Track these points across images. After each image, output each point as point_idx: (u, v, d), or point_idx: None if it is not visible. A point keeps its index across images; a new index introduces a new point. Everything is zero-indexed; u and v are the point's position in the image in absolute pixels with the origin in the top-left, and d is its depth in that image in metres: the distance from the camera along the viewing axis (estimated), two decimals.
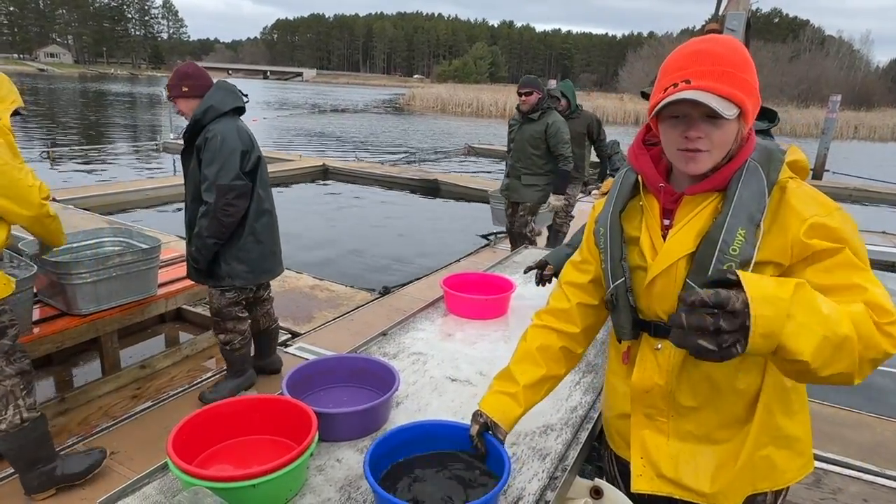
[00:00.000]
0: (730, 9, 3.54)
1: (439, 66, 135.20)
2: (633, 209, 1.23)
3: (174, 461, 1.16)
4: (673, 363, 1.17)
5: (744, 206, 1.05)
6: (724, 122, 1.03)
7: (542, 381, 1.32)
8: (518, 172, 4.69)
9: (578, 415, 1.61)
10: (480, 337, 2.09)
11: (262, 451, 1.36)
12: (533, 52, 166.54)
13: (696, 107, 1.02)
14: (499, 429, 1.27)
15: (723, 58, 1.03)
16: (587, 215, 1.38)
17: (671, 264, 1.12)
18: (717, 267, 1.04)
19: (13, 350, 2.15)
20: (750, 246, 1.03)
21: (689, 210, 1.13)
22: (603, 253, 1.24)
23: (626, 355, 1.27)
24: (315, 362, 1.66)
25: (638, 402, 1.23)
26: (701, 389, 1.16)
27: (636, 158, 1.21)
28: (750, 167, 1.08)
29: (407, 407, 1.60)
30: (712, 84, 1.01)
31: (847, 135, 30.53)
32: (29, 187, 2.03)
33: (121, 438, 2.68)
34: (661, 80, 1.08)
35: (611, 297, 1.23)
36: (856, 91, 53.18)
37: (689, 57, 1.05)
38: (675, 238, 1.13)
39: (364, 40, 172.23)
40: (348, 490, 1.26)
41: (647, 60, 57.99)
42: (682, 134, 1.06)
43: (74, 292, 2.83)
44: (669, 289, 1.13)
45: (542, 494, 1.29)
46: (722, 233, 1.05)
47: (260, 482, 1.15)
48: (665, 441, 1.22)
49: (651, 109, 1.08)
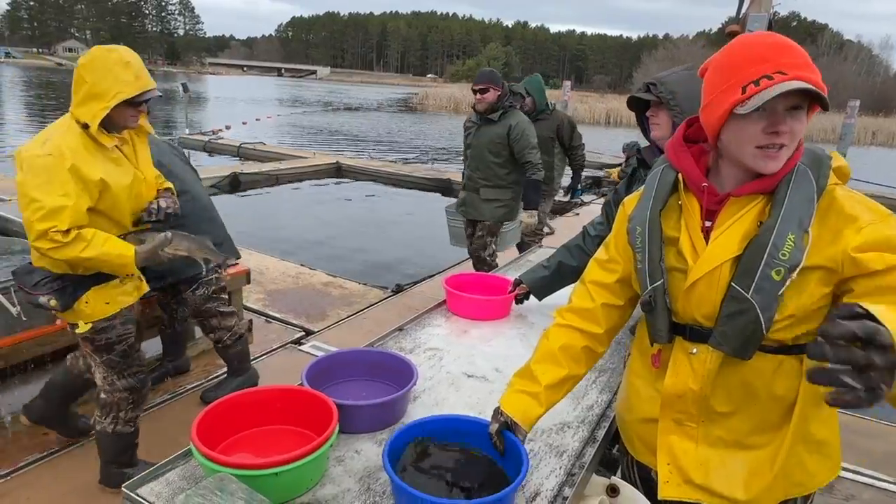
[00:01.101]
0: (752, 10, 3.52)
1: (453, 65, 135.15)
2: (670, 208, 1.20)
3: (198, 447, 1.18)
4: (709, 368, 1.14)
5: (794, 211, 1.03)
6: (802, 115, 1.01)
7: (564, 382, 1.30)
8: (476, 185, 3.99)
9: (595, 413, 1.62)
10: (496, 334, 2.10)
11: (283, 440, 1.38)
12: (546, 53, 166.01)
13: (787, 97, 0.98)
14: (519, 428, 1.26)
15: (795, 48, 1.00)
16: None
17: (714, 268, 1.09)
18: (766, 272, 1.02)
19: (126, 365, 2.20)
20: (799, 251, 1.02)
21: (734, 212, 1.10)
22: (639, 253, 1.20)
23: (657, 359, 1.24)
24: (334, 355, 1.68)
25: (668, 406, 1.21)
26: (737, 395, 1.15)
27: (677, 156, 1.18)
28: (800, 171, 1.06)
29: (424, 401, 1.62)
30: (806, 74, 0.97)
31: (865, 140, 30.15)
32: (29, 222, 1.85)
33: (140, 430, 2.71)
34: (734, 75, 1.02)
35: (648, 299, 1.19)
36: (874, 96, 52.48)
37: (767, 50, 1.01)
38: (720, 241, 1.10)
39: (378, 39, 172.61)
40: (367, 481, 1.28)
41: (661, 63, 57.65)
42: (766, 129, 1.01)
43: None
44: (711, 293, 1.11)
45: (560, 491, 1.29)
46: (772, 237, 1.03)
47: (282, 471, 1.16)
48: (693, 447, 1.20)
49: (732, 107, 1.01)
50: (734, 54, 1.05)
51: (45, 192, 1.83)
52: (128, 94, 1.95)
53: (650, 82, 1.78)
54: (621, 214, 1.31)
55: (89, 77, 1.93)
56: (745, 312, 1.06)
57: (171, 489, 1.22)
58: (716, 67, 1.07)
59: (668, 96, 1.73)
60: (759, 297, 1.04)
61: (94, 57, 1.94)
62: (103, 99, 1.93)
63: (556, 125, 4.76)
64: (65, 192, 1.85)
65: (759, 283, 1.04)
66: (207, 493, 1.03)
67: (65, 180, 1.86)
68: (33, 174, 1.84)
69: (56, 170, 1.85)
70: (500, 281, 2.41)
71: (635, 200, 1.27)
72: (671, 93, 1.72)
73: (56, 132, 1.94)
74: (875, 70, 73.66)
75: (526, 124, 3.83)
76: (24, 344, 2.55)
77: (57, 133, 1.93)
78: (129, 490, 1.19)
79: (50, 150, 1.86)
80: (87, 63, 1.93)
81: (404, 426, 1.30)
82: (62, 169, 1.86)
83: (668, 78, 1.75)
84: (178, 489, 1.22)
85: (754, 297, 1.04)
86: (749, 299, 1.05)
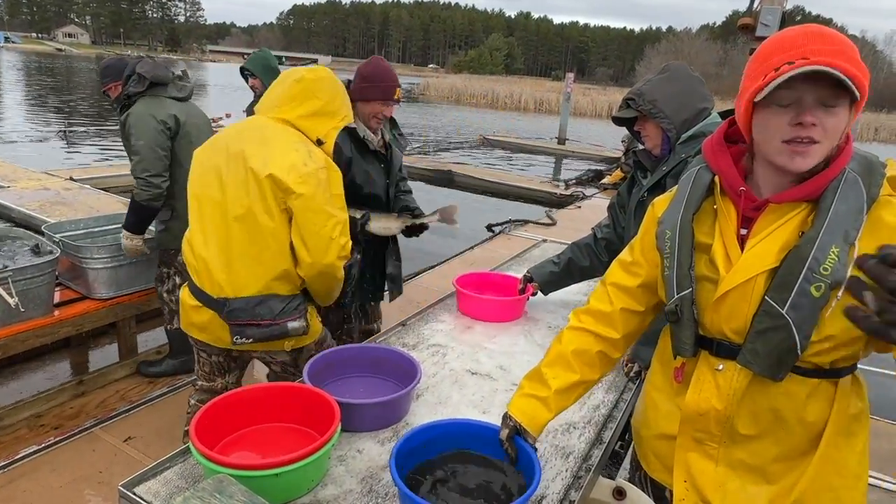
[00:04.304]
0: (765, 3, 3.45)
1: (455, 56, 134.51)
2: (704, 212, 1.12)
3: (197, 447, 1.15)
4: (735, 387, 1.07)
5: (840, 222, 0.95)
6: (837, 110, 0.93)
7: (575, 387, 1.24)
8: None
9: (601, 413, 1.59)
10: (500, 331, 2.07)
11: (284, 439, 1.35)
12: (549, 45, 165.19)
13: (815, 86, 0.91)
14: (528, 434, 1.21)
15: (834, 37, 0.93)
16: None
17: (748, 279, 1.02)
18: (804, 287, 0.94)
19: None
20: (842, 266, 0.93)
21: (774, 220, 1.02)
22: (668, 259, 1.12)
23: (680, 373, 1.17)
24: (337, 350, 1.65)
25: (689, 424, 1.15)
26: (763, 418, 1.07)
27: (715, 156, 1.10)
28: (849, 178, 0.98)
29: (427, 399, 1.59)
30: (832, 60, 0.89)
31: (868, 136, 30.04)
32: (331, 240, 1.80)
33: (138, 424, 2.69)
34: (761, 65, 0.96)
35: (675, 309, 1.11)
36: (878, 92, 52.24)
37: (798, 37, 0.94)
38: (755, 250, 1.02)
39: (380, 28, 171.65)
40: (370, 482, 1.25)
41: (664, 56, 57.28)
42: (792, 122, 0.94)
43: (95, 276, 2.84)
44: (742, 307, 1.03)
45: (567, 494, 1.26)
46: (813, 249, 0.94)
47: (283, 471, 1.13)
48: (713, 467, 1.14)
49: (753, 94, 0.95)
50: (768, 45, 0.99)
51: (334, 206, 1.81)
52: (349, 120, 1.96)
53: (629, 98, 1.76)
54: (650, 216, 1.24)
55: (322, 95, 1.87)
56: (778, 329, 0.98)
57: (168, 488, 1.19)
58: (751, 60, 1.02)
59: (649, 107, 1.70)
60: (794, 314, 0.96)
61: (325, 76, 1.90)
62: (334, 118, 1.90)
63: None
64: (343, 205, 1.87)
65: (796, 298, 0.95)
66: (206, 496, 1.00)
67: (341, 192, 1.86)
68: (323, 188, 1.78)
69: (336, 182, 1.85)
70: (507, 279, 2.37)
71: (666, 202, 1.20)
72: (651, 102, 1.70)
73: (304, 142, 1.83)
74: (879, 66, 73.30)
75: (138, 117, 2.65)
76: (22, 335, 2.51)
77: (307, 144, 1.84)
78: (126, 489, 1.17)
79: (323, 163, 1.81)
80: (318, 80, 1.88)
81: (413, 430, 1.25)
82: (338, 182, 1.86)
83: (645, 88, 1.73)
84: (176, 488, 1.19)
85: (790, 314, 0.96)
86: (784, 315, 0.97)
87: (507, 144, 16.11)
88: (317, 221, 1.77)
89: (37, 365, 3.30)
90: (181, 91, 2.81)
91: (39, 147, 11.11)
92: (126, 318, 3.09)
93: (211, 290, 1.80)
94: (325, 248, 1.78)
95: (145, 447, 2.53)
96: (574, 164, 14.11)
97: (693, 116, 1.70)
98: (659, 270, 1.17)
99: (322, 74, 1.91)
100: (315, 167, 1.77)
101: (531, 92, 36.83)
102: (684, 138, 1.69)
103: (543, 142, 16.81)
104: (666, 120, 1.69)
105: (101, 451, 2.49)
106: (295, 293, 1.87)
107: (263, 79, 3.75)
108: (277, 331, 1.82)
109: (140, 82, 2.69)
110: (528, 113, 32.35)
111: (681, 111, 1.69)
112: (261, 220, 1.75)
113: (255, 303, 1.79)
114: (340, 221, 1.83)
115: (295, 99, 1.86)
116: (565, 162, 14.67)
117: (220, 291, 1.79)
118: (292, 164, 1.74)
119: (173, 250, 2.83)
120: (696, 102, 1.71)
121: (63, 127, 12.55)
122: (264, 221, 1.75)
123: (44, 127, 13.24)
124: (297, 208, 1.75)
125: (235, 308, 1.78)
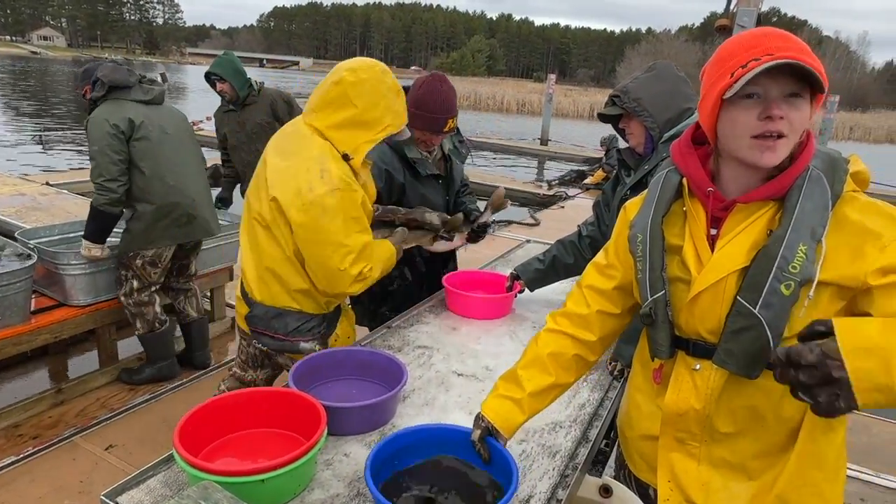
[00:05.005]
0: (741, 4, 3.51)
1: (437, 58, 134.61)
2: (674, 214, 1.13)
3: (181, 454, 1.14)
4: (712, 386, 1.08)
5: (806, 220, 0.96)
6: (801, 104, 0.95)
7: (549, 390, 1.24)
8: None
9: (587, 412, 1.60)
10: (485, 331, 2.07)
11: (269, 444, 1.34)
12: (531, 46, 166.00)
13: (780, 81, 0.93)
14: (500, 435, 1.21)
15: (791, 37, 0.96)
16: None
17: (720, 279, 1.03)
18: (774, 286, 0.96)
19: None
20: (811, 263, 0.95)
21: (742, 219, 1.03)
22: (640, 262, 1.13)
23: (659, 374, 1.18)
24: (322, 354, 1.63)
25: (669, 424, 1.16)
26: (742, 416, 1.08)
27: (683, 158, 1.11)
28: (813, 175, 0.99)
29: (414, 401, 1.58)
30: (797, 55, 0.91)
31: (843, 135, 30.66)
32: (339, 272, 1.68)
33: (119, 431, 2.66)
34: (725, 63, 0.98)
35: (649, 312, 1.12)
36: (852, 92, 53.34)
37: (759, 37, 0.96)
38: (725, 251, 1.03)
39: (362, 30, 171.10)
40: (357, 485, 1.24)
41: (644, 57, 57.88)
42: (760, 115, 0.95)
43: (73, 283, 2.79)
44: (715, 306, 1.04)
45: (554, 493, 1.27)
46: (782, 248, 0.96)
47: (268, 477, 1.12)
48: (695, 466, 1.15)
49: (721, 91, 0.96)
50: (728, 46, 1.01)
51: (346, 234, 1.66)
52: (395, 128, 1.74)
53: (614, 95, 1.77)
54: (622, 219, 1.25)
55: (359, 101, 1.66)
56: (751, 329, 0.99)
57: (152, 497, 1.17)
58: (711, 62, 1.03)
59: (633, 104, 1.72)
60: (766, 313, 0.97)
61: (367, 78, 1.68)
62: (371, 130, 1.69)
63: (269, 107, 3.85)
64: (362, 227, 1.72)
65: (767, 297, 0.97)
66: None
67: (360, 214, 1.70)
68: (330, 216, 1.62)
69: (351, 205, 1.67)
70: (495, 277, 2.40)
71: (638, 205, 1.20)
72: (635, 100, 1.71)
73: (322, 158, 1.66)
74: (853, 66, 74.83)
75: (93, 122, 2.65)
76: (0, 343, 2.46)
77: (324, 160, 1.66)
78: (108, 498, 1.15)
79: (337, 184, 1.63)
80: (358, 83, 1.67)
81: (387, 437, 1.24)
82: (356, 203, 1.68)
83: (630, 86, 1.74)
84: (159, 496, 1.17)
85: (762, 313, 0.97)
86: (756, 315, 0.98)
87: (490, 145, 16.16)
88: (322, 253, 1.66)
89: (14, 373, 3.23)
90: (147, 94, 2.77)
91: (14, 152, 10.90)
92: (106, 325, 3.05)
93: (246, 286, 1.83)
94: (334, 279, 1.70)
95: (127, 455, 2.49)
96: (557, 164, 14.20)
97: (676, 116, 1.71)
98: (633, 274, 1.17)
99: (364, 76, 1.68)
100: (323, 191, 1.61)
101: (513, 93, 37.01)
102: (666, 137, 1.71)
103: (526, 143, 16.90)
104: (649, 118, 1.70)
105: (82, 460, 2.45)
106: (319, 312, 1.83)
107: (234, 82, 3.69)
108: (288, 346, 1.82)
109: (101, 87, 2.67)
110: (511, 114, 32.48)
111: (664, 110, 1.71)
112: (276, 234, 1.72)
113: (272, 314, 1.79)
114: (352, 251, 1.67)
115: (331, 104, 1.69)
116: (548, 162, 14.76)
117: (250, 291, 1.80)
118: (297, 190, 1.63)
119: (132, 253, 2.80)
120: (680, 102, 1.73)
121: (38, 131, 12.32)
122: (279, 237, 1.72)
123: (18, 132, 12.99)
124: (300, 238, 1.67)
125: (255, 314, 1.81)
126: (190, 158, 2.94)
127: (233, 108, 3.81)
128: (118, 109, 2.65)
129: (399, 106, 1.75)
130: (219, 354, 3.55)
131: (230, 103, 3.79)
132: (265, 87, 3.88)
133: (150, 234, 2.80)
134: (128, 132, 2.65)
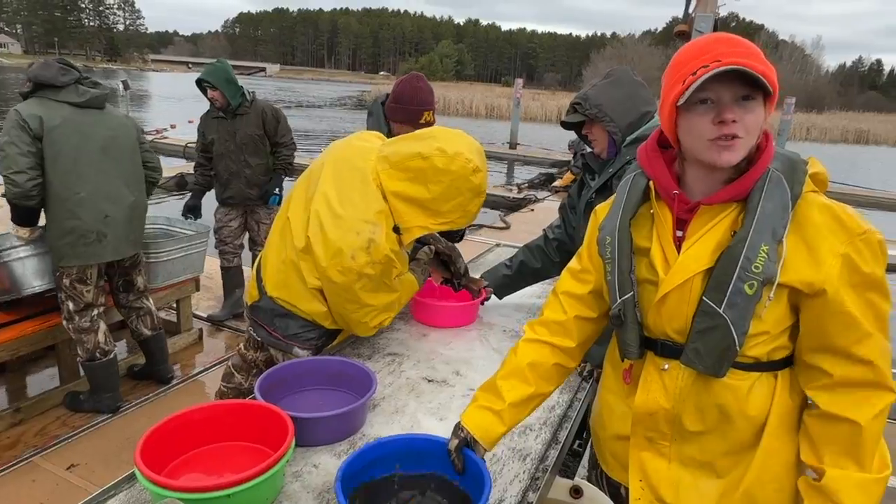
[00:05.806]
0: (699, 10, 3.61)
1: (405, 63, 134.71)
2: (642, 217, 1.15)
3: (142, 471, 1.11)
4: (681, 386, 1.11)
5: (767, 221, 0.98)
6: (754, 106, 0.98)
7: (530, 400, 1.24)
8: None
9: (557, 414, 1.61)
10: (455, 336, 2.07)
11: (236, 458, 1.31)
12: (498, 51, 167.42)
13: (730, 86, 0.96)
14: (479, 446, 1.21)
15: (740, 41, 0.99)
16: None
17: (686, 280, 1.05)
18: (738, 286, 0.98)
19: None
20: (773, 263, 0.98)
21: (706, 221, 1.06)
22: (609, 264, 1.15)
23: (629, 374, 1.20)
24: (288, 365, 1.61)
25: (640, 424, 1.18)
26: (709, 414, 1.10)
27: (649, 161, 1.13)
28: (773, 177, 1.01)
29: (384, 409, 1.57)
30: (743, 60, 0.94)
31: (800, 136, 31.67)
32: (360, 323, 1.74)
33: (81, 450, 2.57)
34: (678, 72, 1.01)
35: (618, 313, 1.14)
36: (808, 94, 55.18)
37: (709, 44, 0.99)
38: (691, 252, 1.06)
39: (329, 36, 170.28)
40: (326, 496, 1.23)
41: (609, 61, 58.89)
42: (714, 120, 0.98)
43: (22, 269, 2.70)
44: (682, 307, 1.07)
45: (524, 496, 1.27)
46: (744, 248, 0.98)
47: (234, 492, 1.10)
48: (666, 465, 1.17)
49: (675, 99, 0.99)
50: (681, 53, 1.04)
51: (375, 297, 1.70)
52: (457, 226, 1.70)
53: (576, 102, 1.81)
54: (593, 223, 1.27)
55: (435, 189, 1.60)
56: (717, 328, 1.02)
57: None
58: (667, 70, 1.06)
59: (595, 111, 1.75)
60: (731, 313, 1.00)
61: (455, 171, 1.59)
62: (432, 218, 1.65)
63: (259, 118, 3.80)
64: (391, 289, 1.75)
65: (732, 297, 0.99)
66: None
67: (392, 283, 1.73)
68: (363, 283, 1.63)
69: (387, 276, 1.68)
70: None
71: (607, 208, 1.23)
72: (596, 107, 1.75)
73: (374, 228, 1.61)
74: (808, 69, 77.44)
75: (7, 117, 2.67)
76: None
77: (376, 231, 1.61)
78: None
79: (380, 259, 1.62)
80: (444, 172, 1.58)
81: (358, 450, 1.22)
82: (391, 274, 1.69)
83: (591, 93, 1.78)
84: None
85: (727, 313, 1.00)
86: (722, 315, 1.01)
87: None
88: (348, 308, 1.69)
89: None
90: (81, 96, 2.65)
91: None
92: (65, 340, 2.94)
93: (263, 273, 1.83)
94: (352, 326, 1.77)
95: (89, 474, 2.42)
96: (526, 167, 14.32)
97: (637, 119, 1.75)
98: (603, 276, 1.19)
99: (454, 168, 1.58)
100: (364, 261, 1.60)
101: (482, 97, 37.17)
102: (629, 141, 1.74)
103: (495, 146, 16.98)
104: (612, 123, 1.73)
105: (42, 480, 2.37)
106: (329, 328, 1.82)
107: (225, 91, 3.67)
108: (283, 346, 1.82)
109: (27, 83, 2.61)
110: (480, 118, 32.63)
111: (625, 114, 1.74)
112: (301, 267, 1.71)
113: (278, 312, 1.78)
114: (377, 308, 1.70)
115: (407, 172, 1.61)
116: (517, 166, 14.87)
117: (264, 282, 1.82)
118: (339, 251, 1.59)
119: (57, 272, 2.68)
120: (640, 106, 1.76)
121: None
122: (303, 271, 1.70)
123: None
124: (328, 289, 1.68)
125: (260, 306, 1.82)
126: (115, 170, 2.74)
127: (223, 116, 3.77)
128: (35, 106, 2.55)
129: (473, 207, 1.68)
130: (185, 367, 3.45)
131: (220, 110, 3.75)
132: (257, 99, 3.88)
133: (59, 251, 2.65)
134: (36, 130, 2.51)
